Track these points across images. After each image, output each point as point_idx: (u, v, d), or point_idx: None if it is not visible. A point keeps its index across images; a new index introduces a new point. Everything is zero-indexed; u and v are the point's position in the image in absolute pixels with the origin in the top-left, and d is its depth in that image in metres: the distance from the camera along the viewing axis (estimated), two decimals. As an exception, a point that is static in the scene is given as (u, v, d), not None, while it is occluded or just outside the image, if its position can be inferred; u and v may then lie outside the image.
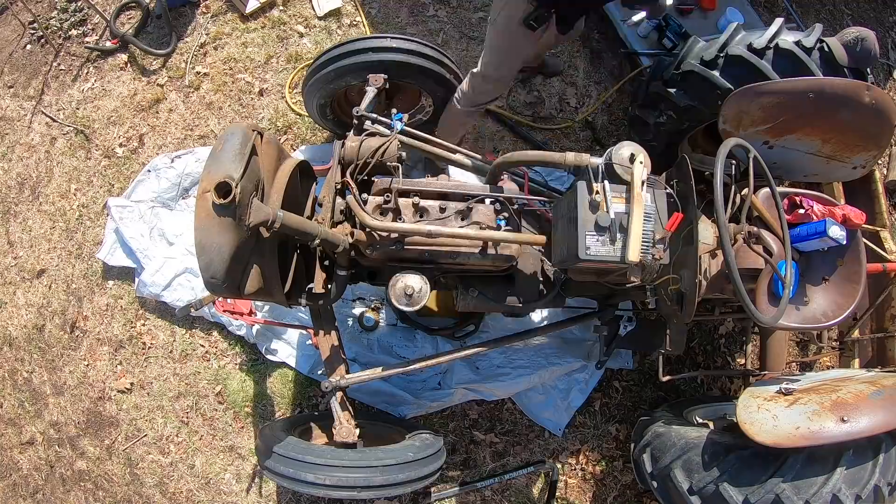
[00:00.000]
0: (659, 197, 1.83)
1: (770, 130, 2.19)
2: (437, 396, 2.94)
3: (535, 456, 2.99)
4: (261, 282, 1.91)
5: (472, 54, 3.59)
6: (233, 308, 2.69)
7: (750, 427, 1.88)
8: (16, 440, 3.11)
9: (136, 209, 3.18)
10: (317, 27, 3.61)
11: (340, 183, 2.19)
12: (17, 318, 3.26)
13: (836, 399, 1.85)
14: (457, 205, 2.17)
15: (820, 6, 3.94)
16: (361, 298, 3.13)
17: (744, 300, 1.73)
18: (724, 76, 2.31)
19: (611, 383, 3.12)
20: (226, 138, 1.80)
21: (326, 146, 3.32)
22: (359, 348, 3.00)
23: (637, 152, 1.81)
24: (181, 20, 3.61)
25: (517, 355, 3.03)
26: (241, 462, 2.96)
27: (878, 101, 2.10)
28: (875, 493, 1.80)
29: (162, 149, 3.39)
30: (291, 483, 2.04)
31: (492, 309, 2.40)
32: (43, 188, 3.42)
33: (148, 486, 2.96)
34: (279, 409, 3.02)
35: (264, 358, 3.04)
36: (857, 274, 2.16)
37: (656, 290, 2.12)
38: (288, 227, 1.76)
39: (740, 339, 3.18)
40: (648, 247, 1.76)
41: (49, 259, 3.31)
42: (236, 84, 3.49)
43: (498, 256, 2.14)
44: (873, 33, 2.25)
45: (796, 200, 2.20)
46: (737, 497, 1.92)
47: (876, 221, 2.77)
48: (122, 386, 3.07)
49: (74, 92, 3.56)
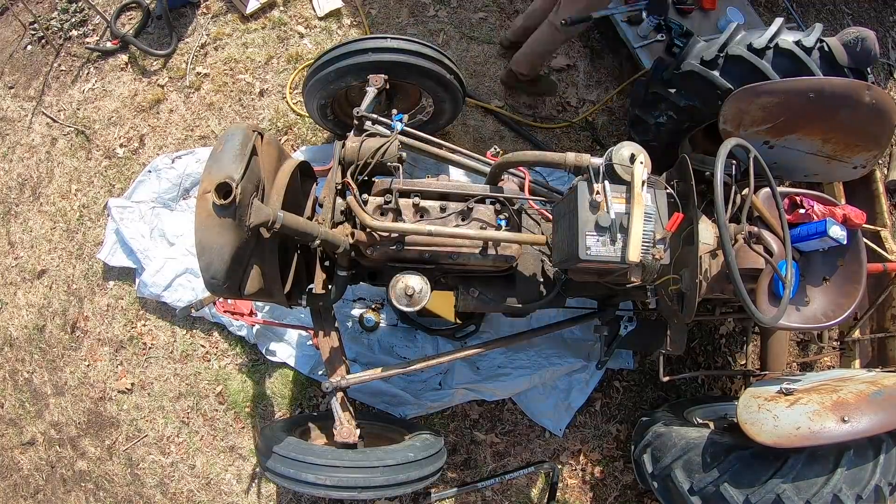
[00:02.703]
0: (659, 197, 1.83)
1: (770, 130, 2.19)
2: (437, 397, 2.94)
3: (536, 456, 2.99)
4: (261, 282, 1.91)
5: (472, 54, 3.59)
6: (233, 308, 2.69)
7: (751, 427, 1.88)
8: (17, 440, 3.11)
9: (136, 210, 3.18)
10: (317, 28, 3.61)
11: (341, 183, 2.19)
12: (17, 318, 3.26)
13: (837, 399, 1.85)
14: (457, 205, 2.17)
15: (820, 6, 3.94)
16: (362, 299, 3.13)
17: (744, 300, 1.73)
18: (724, 76, 2.31)
19: (611, 383, 3.12)
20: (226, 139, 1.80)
21: (327, 147, 3.33)
22: (359, 349, 3.01)
23: (637, 152, 1.81)
24: (181, 21, 3.62)
25: (518, 355, 3.03)
26: (242, 462, 2.96)
27: (878, 101, 2.10)
28: (876, 493, 1.81)
29: (162, 149, 3.39)
30: (292, 483, 2.04)
31: (492, 309, 2.40)
32: (44, 189, 3.42)
33: (149, 486, 2.96)
34: (280, 409, 3.02)
35: (265, 358, 3.04)
36: (857, 274, 2.16)
37: (657, 290, 2.12)
38: (288, 227, 1.77)
39: (741, 339, 3.18)
40: (648, 247, 1.76)
41: (50, 259, 3.31)
42: (237, 84, 3.49)
43: (498, 257, 2.14)
44: (873, 33, 2.26)
45: (797, 200, 2.20)
46: (737, 497, 1.92)
47: (876, 221, 2.77)
48: (123, 386, 3.07)
49: (75, 92, 3.56)
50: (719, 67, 2.32)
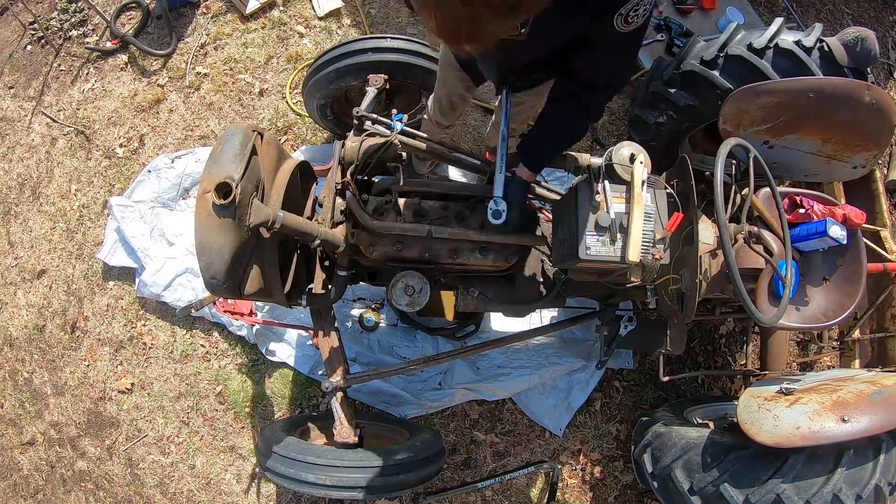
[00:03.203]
0: (659, 197, 1.83)
1: (770, 130, 2.19)
2: (437, 396, 2.94)
3: (536, 456, 2.99)
4: (261, 282, 1.91)
5: (473, 54, 3.59)
6: (233, 308, 2.69)
7: (751, 427, 1.88)
8: (16, 440, 3.11)
9: (136, 209, 3.18)
10: (317, 27, 3.61)
11: (341, 183, 2.19)
12: (17, 318, 3.26)
13: (837, 399, 1.85)
14: (457, 205, 2.17)
15: (820, 6, 3.93)
16: (362, 299, 3.13)
17: (744, 300, 1.73)
18: (724, 76, 2.31)
19: (611, 383, 3.12)
20: (226, 139, 1.80)
21: (327, 146, 3.32)
22: (359, 348, 3.00)
23: (637, 152, 1.81)
24: (181, 21, 3.62)
25: (518, 355, 3.03)
26: (242, 462, 2.96)
27: (878, 101, 2.09)
28: (876, 493, 1.81)
29: (162, 149, 3.39)
30: (292, 483, 2.04)
31: (492, 309, 2.40)
32: (43, 189, 3.42)
33: (148, 486, 2.96)
34: (280, 409, 3.02)
35: (265, 358, 3.04)
36: (857, 274, 2.16)
37: (657, 290, 2.12)
38: (288, 227, 1.76)
39: (741, 338, 3.18)
40: (648, 247, 1.76)
41: (49, 259, 3.31)
42: (236, 84, 3.49)
43: (498, 256, 2.14)
44: (873, 33, 2.25)
45: (797, 200, 2.20)
46: (737, 497, 1.92)
47: (876, 221, 2.77)
48: (123, 386, 3.07)
49: (75, 92, 3.56)
50: (719, 67, 2.32)
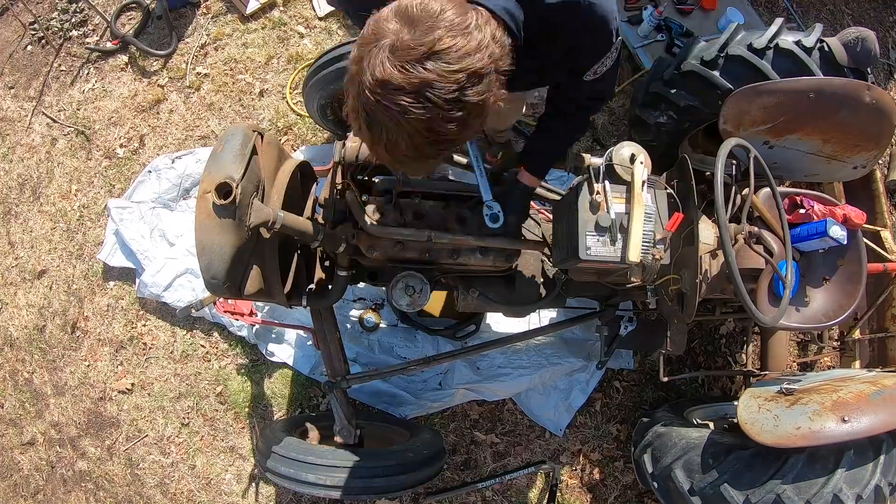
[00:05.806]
0: (659, 197, 1.83)
1: (770, 130, 2.19)
2: (437, 397, 2.94)
3: (536, 456, 2.98)
4: (261, 282, 1.91)
5: (473, 55, 3.58)
6: (233, 309, 2.69)
7: (751, 427, 1.88)
8: (17, 440, 3.11)
9: (136, 210, 3.18)
10: (317, 28, 3.61)
11: (341, 184, 2.19)
12: (17, 318, 3.26)
13: (837, 399, 1.85)
14: (458, 205, 2.17)
15: (820, 6, 3.93)
16: (362, 299, 3.13)
17: (744, 300, 1.73)
18: (724, 76, 2.30)
19: (611, 383, 3.12)
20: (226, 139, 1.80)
21: (327, 146, 3.32)
22: (359, 349, 3.00)
23: (637, 152, 1.81)
24: (181, 21, 3.61)
25: (518, 355, 3.03)
26: (242, 462, 2.96)
27: (879, 101, 2.09)
28: (876, 494, 1.80)
29: (162, 149, 3.39)
30: (292, 483, 2.04)
31: (492, 309, 2.40)
32: (44, 189, 3.42)
33: (149, 486, 2.96)
34: (279, 409, 3.02)
35: (265, 358, 3.04)
36: (857, 274, 2.15)
37: (657, 290, 2.12)
38: (288, 227, 1.76)
39: (741, 339, 3.18)
40: (649, 247, 1.76)
41: (50, 260, 3.31)
42: (237, 85, 3.49)
43: (499, 257, 2.14)
44: (873, 33, 2.25)
45: (797, 200, 2.20)
46: (738, 497, 1.92)
47: (876, 221, 2.77)
48: (123, 386, 3.07)
49: (75, 93, 3.56)
50: (719, 67, 2.32)
